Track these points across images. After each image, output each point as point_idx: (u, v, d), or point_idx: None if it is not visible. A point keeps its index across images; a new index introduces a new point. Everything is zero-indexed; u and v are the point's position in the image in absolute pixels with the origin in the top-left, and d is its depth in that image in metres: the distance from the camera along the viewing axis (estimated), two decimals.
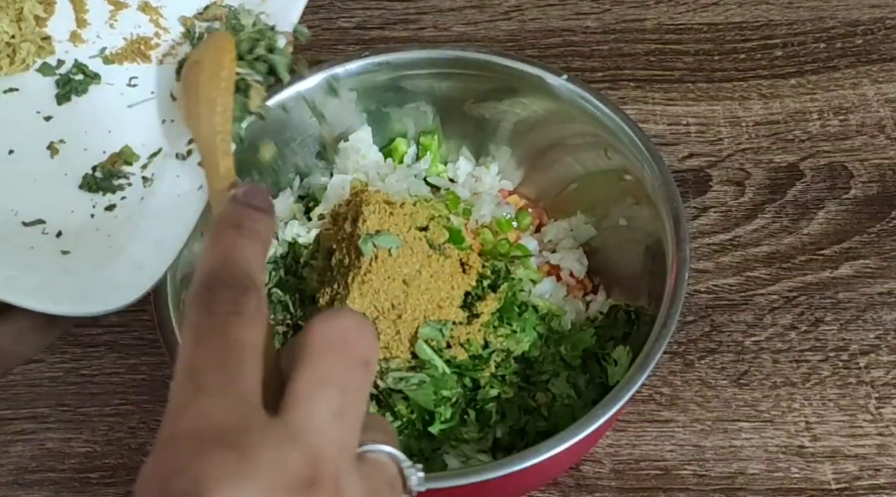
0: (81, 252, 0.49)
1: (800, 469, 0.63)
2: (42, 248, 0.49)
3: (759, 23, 0.84)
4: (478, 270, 0.60)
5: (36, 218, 0.49)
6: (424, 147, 0.70)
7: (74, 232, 0.50)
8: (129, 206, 0.51)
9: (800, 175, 0.75)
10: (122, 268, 0.48)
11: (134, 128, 0.54)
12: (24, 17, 0.54)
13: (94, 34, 0.56)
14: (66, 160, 0.52)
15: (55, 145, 0.52)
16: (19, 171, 0.51)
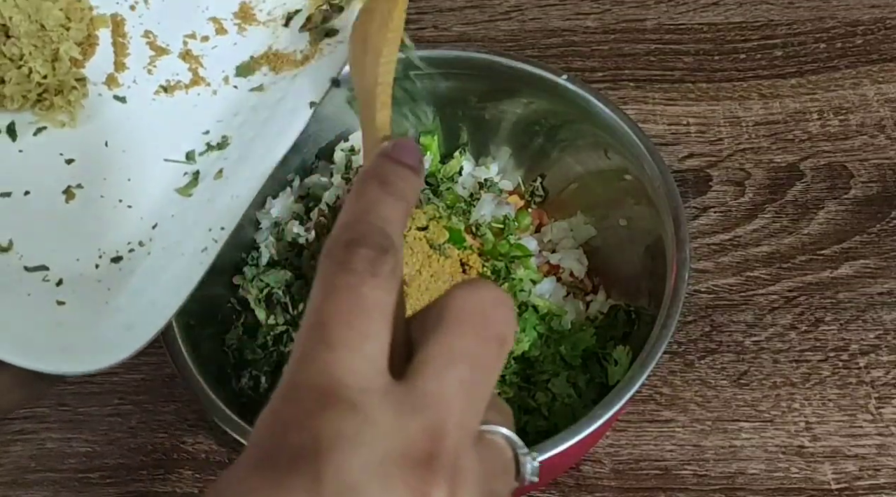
0: (77, 305, 0.48)
1: (800, 469, 0.63)
2: (39, 296, 0.48)
3: (759, 23, 0.84)
4: (478, 270, 0.60)
5: (39, 263, 0.49)
6: (424, 147, 0.70)
7: (75, 282, 0.49)
8: (135, 260, 0.50)
9: (800, 175, 0.75)
10: (112, 327, 0.47)
11: (156, 180, 0.53)
12: (60, 57, 0.54)
13: (130, 79, 0.56)
14: (81, 206, 0.51)
15: (72, 190, 0.51)
16: (32, 213, 0.50)
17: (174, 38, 0.58)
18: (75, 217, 0.51)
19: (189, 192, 0.53)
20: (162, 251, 0.51)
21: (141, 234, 0.51)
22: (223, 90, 0.57)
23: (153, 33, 0.57)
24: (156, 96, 0.56)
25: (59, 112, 0.53)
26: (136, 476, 0.64)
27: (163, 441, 0.65)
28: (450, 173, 0.69)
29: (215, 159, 0.54)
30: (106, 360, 0.45)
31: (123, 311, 0.48)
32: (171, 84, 0.56)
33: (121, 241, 0.51)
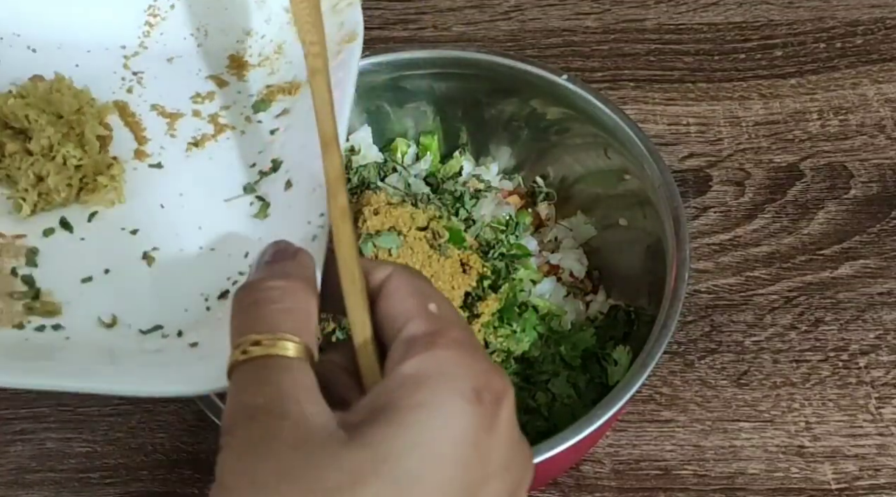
0: (210, 340, 0.47)
1: (800, 469, 0.63)
2: (170, 348, 0.47)
3: (759, 23, 0.84)
4: (478, 271, 0.60)
5: (152, 325, 0.48)
6: (424, 147, 0.70)
7: (195, 327, 0.48)
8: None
9: (800, 175, 0.75)
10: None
11: (226, 220, 0.53)
12: (88, 139, 0.54)
13: (157, 146, 0.56)
14: (165, 266, 0.51)
15: (149, 254, 0.51)
16: (121, 287, 0.50)
17: (182, 103, 0.58)
18: (164, 277, 0.51)
19: (266, 213, 0.53)
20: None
21: (236, 266, 0.51)
22: (250, 128, 0.57)
23: (160, 105, 0.58)
24: (188, 153, 0.56)
25: (106, 191, 0.53)
26: (136, 476, 0.64)
27: (163, 441, 0.65)
28: (450, 173, 0.69)
29: (276, 178, 0.54)
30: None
31: None
32: (197, 139, 0.56)
33: (219, 279, 0.50)
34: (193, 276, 0.51)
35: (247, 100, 0.59)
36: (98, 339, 0.48)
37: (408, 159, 0.70)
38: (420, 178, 0.68)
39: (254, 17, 0.61)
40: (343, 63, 0.57)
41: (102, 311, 0.48)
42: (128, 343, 0.48)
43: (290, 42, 0.60)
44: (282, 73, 0.60)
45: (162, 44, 0.60)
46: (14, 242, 0.50)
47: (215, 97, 0.59)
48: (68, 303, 0.49)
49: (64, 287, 0.49)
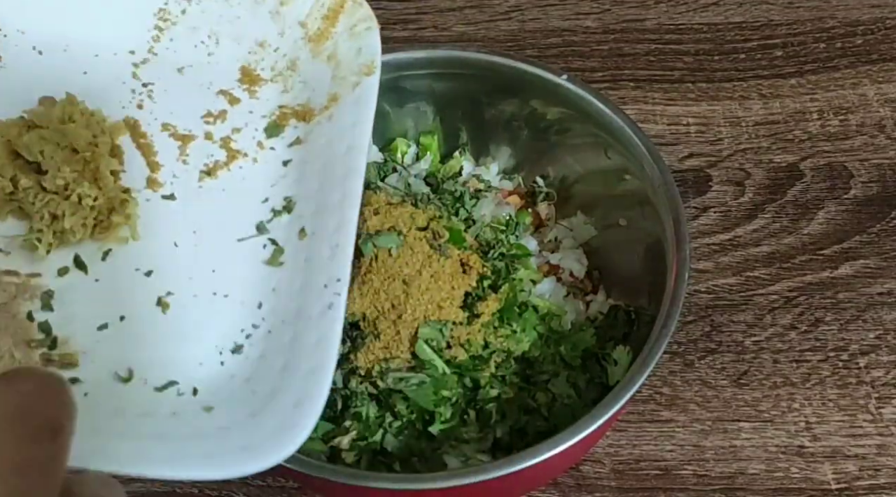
0: (227, 406, 0.47)
1: (800, 469, 0.63)
2: (184, 411, 0.47)
3: (759, 23, 0.84)
4: (478, 271, 0.60)
5: (167, 381, 0.48)
6: (424, 147, 0.70)
7: (210, 386, 0.48)
8: (258, 343, 0.50)
9: (800, 175, 0.75)
10: (279, 411, 0.46)
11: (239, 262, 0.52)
12: (102, 174, 0.52)
13: (169, 174, 0.55)
14: (179, 312, 0.50)
15: (164, 300, 0.50)
16: (137, 335, 0.49)
17: (193, 123, 0.58)
18: (178, 324, 0.50)
19: (279, 261, 0.52)
20: (283, 324, 0.50)
21: (250, 317, 0.51)
22: (262, 155, 0.57)
23: (171, 124, 0.57)
24: (201, 183, 0.55)
25: (120, 229, 0.52)
26: None
27: None
28: (450, 173, 0.69)
29: (289, 222, 0.54)
30: (290, 444, 0.44)
31: (281, 392, 0.47)
32: (210, 167, 0.56)
33: (233, 331, 0.50)
34: (208, 326, 0.50)
35: (259, 121, 0.58)
36: (115, 395, 0.46)
37: (408, 159, 0.70)
38: (420, 178, 0.68)
39: (268, 29, 0.60)
40: (361, 98, 0.56)
41: (118, 364, 0.48)
42: (143, 403, 0.46)
43: (305, 59, 0.60)
44: (295, 93, 0.59)
45: (172, 51, 0.60)
46: (30, 282, 0.49)
47: (227, 117, 0.58)
48: (85, 353, 0.48)
49: (80, 335, 0.48)
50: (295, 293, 0.51)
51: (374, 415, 0.57)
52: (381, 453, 0.58)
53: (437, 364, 0.57)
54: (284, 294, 0.51)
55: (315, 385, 0.46)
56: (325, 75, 0.59)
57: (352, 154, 0.54)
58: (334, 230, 0.52)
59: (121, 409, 0.46)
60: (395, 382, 0.57)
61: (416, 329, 0.57)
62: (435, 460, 0.57)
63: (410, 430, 0.58)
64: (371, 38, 0.59)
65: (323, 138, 0.56)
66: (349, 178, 0.53)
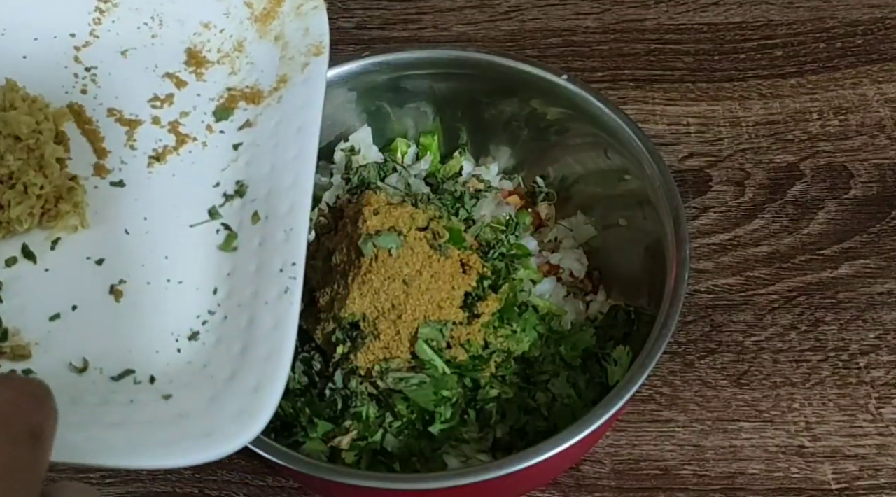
0: (186, 393, 0.46)
1: (800, 469, 0.63)
2: (142, 400, 0.46)
3: (758, 23, 0.84)
4: (478, 271, 0.60)
5: (123, 370, 0.47)
6: (424, 147, 0.70)
7: (167, 373, 0.47)
8: (214, 329, 0.49)
9: (800, 175, 0.75)
10: (238, 396, 0.46)
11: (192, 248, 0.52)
12: (48, 162, 0.51)
13: (117, 160, 0.54)
14: (133, 300, 0.50)
15: (117, 288, 0.50)
16: (90, 325, 0.49)
17: (140, 107, 0.57)
18: (133, 313, 0.50)
19: (233, 246, 0.52)
20: (239, 308, 0.49)
21: (205, 303, 0.50)
22: (212, 139, 0.56)
23: (116, 109, 0.56)
24: (150, 169, 0.54)
25: (68, 217, 0.51)
26: (135, 476, 0.64)
27: None
28: (450, 173, 0.69)
29: (242, 206, 0.53)
30: (250, 428, 0.44)
31: (239, 376, 0.47)
32: (159, 152, 0.55)
33: (188, 317, 0.50)
34: (162, 313, 0.50)
35: (207, 105, 0.57)
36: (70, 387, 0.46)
37: (408, 159, 0.70)
38: (420, 178, 0.68)
39: (212, 9, 0.59)
40: (311, 78, 0.56)
41: (72, 354, 0.47)
42: (99, 392, 0.46)
43: (252, 40, 0.59)
44: (243, 75, 0.58)
45: (115, 33, 0.58)
46: None
47: (174, 101, 0.57)
48: (37, 344, 0.47)
49: (32, 326, 0.48)
50: (250, 278, 0.50)
51: (374, 415, 0.57)
52: (381, 453, 0.58)
53: (437, 364, 0.57)
54: (240, 279, 0.50)
55: (273, 369, 0.46)
56: (273, 56, 0.58)
57: (302, 135, 0.54)
58: (287, 213, 0.51)
59: (76, 400, 0.45)
60: (395, 382, 0.57)
61: (415, 329, 0.57)
62: (435, 460, 0.57)
63: (410, 430, 0.58)
64: (318, 18, 0.58)
65: (273, 120, 0.56)
66: (300, 160, 0.53)
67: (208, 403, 0.46)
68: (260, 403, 0.45)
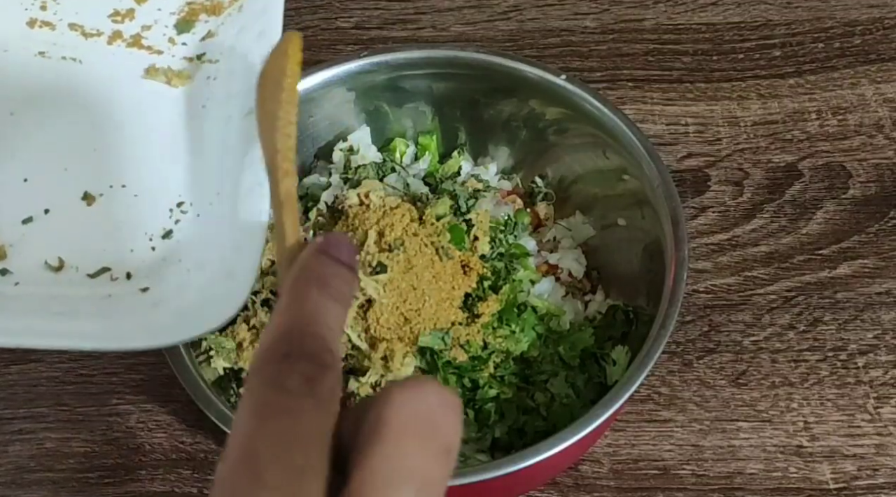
0: (162, 284, 0.47)
1: (798, 469, 0.63)
2: (120, 293, 0.47)
3: (757, 23, 0.84)
4: (478, 272, 0.60)
5: (99, 267, 0.48)
6: (423, 147, 0.70)
7: (143, 269, 0.48)
8: (187, 226, 0.50)
9: (798, 175, 0.75)
10: (214, 282, 0.46)
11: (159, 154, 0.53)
12: None
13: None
14: (106, 204, 0.51)
15: (89, 194, 0.51)
16: (63, 228, 0.49)
17: (101, 22, 0.57)
18: (105, 216, 0.50)
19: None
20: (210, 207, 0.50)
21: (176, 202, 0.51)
22: (175, 50, 0.57)
23: (78, 24, 0.57)
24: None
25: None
26: (134, 476, 0.64)
27: (161, 441, 0.65)
28: (448, 173, 0.69)
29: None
30: (227, 309, 0.44)
31: (213, 267, 0.47)
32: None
33: (161, 217, 0.50)
34: (135, 215, 0.51)
35: (168, 18, 0.58)
36: (47, 283, 0.47)
37: (406, 159, 0.70)
38: (419, 178, 0.68)
39: None
40: None
41: (48, 254, 0.48)
42: (77, 288, 0.47)
43: None
44: None
45: None
46: None
47: (135, 15, 0.58)
48: (11, 245, 0.48)
49: (4, 228, 0.49)
50: (220, 175, 0.51)
51: None
52: None
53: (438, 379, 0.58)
54: (209, 178, 0.51)
55: (245, 258, 0.46)
56: None
57: (264, 40, 0.54)
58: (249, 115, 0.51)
59: (55, 295, 0.47)
60: None
61: (417, 334, 0.57)
62: None
63: None
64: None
65: (235, 27, 0.57)
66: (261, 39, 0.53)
67: (184, 291, 0.47)
68: (234, 288, 0.45)
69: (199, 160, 0.52)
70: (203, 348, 0.58)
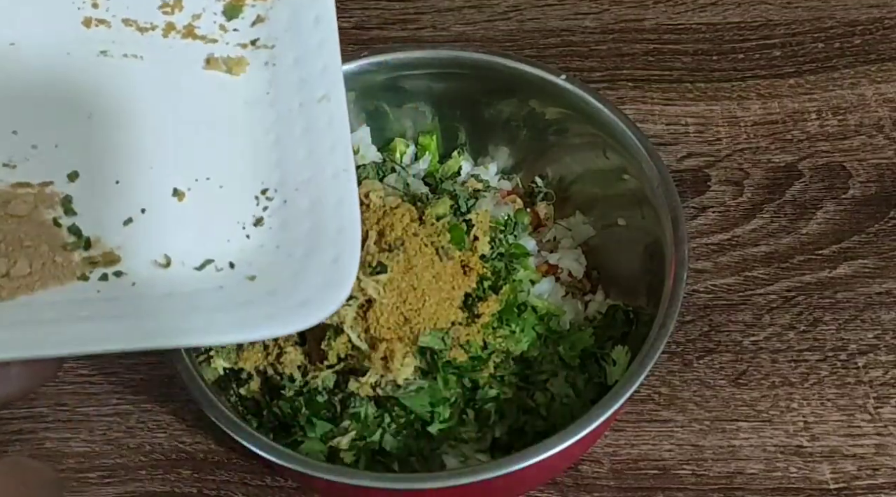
0: (267, 272, 0.49)
1: (798, 469, 0.63)
2: (230, 284, 0.49)
3: (757, 23, 0.84)
4: (478, 272, 0.60)
5: (203, 260, 0.49)
6: (423, 147, 0.70)
7: (244, 258, 0.50)
8: (277, 211, 0.51)
9: (798, 175, 0.75)
10: (319, 268, 0.48)
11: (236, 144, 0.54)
12: None
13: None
14: (195, 197, 0.52)
15: (178, 190, 0.52)
16: (161, 225, 0.51)
17: (152, 15, 0.58)
18: (196, 209, 0.51)
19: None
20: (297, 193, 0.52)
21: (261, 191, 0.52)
22: (227, 37, 0.57)
23: (132, 20, 0.57)
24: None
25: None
26: (134, 476, 0.64)
27: (161, 441, 0.65)
28: (448, 173, 0.69)
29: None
30: (339, 293, 0.47)
31: (315, 252, 0.49)
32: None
33: (249, 206, 0.52)
34: (224, 206, 0.52)
35: (215, 5, 0.58)
36: (160, 281, 0.49)
37: (406, 159, 0.70)
38: (419, 178, 0.68)
39: None
40: None
41: (154, 253, 0.49)
42: (189, 283, 0.49)
43: None
44: None
45: None
46: (44, 191, 0.50)
47: (183, 5, 0.58)
48: (119, 248, 0.49)
49: (109, 232, 0.50)
50: (301, 163, 0.53)
51: (373, 415, 0.57)
52: (380, 453, 0.58)
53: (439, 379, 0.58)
54: (290, 164, 0.53)
55: (347, 242, 0.49)
56: None
57: (321, 25, 0.56)
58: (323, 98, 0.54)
59: (171, 293, 0.48)
60: (392, 389, 0.57)
61: (417, 334, 0.57)
62: (434, 460, 0.57)
63: (409, 430, 0.58)
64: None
65: (285, 12, 0.58)
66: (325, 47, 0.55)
67: (293, 279, 0.48)
68: (342, 273, 0.48)
69: (275, 147, 0.54)
70: (203, 348, 0.58)
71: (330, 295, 0.47)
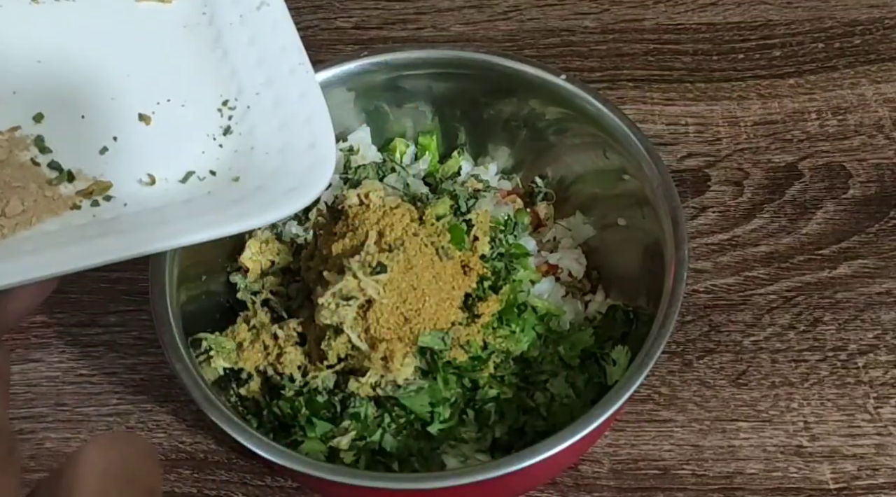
0: (248, 172, 0.52)
1: (798, 469, 0.63)
2: (217, 189, 0.52)
3: (757, 23, 0.84)
4: (478, 272, 0.60)
5: (184, 172, 0.52)
6: (423, 147, 0.70)
7: (222, 164, 0.53)
8: (241, 118, 0.54)
9: (798, 175, 0.75)
10: (298, 155, 0.52)
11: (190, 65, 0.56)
12: None
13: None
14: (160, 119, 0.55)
15: (144, 115, 0.54)
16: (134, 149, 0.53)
17: None
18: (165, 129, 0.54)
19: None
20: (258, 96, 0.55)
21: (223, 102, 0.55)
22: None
23: None
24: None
25: None
26: None
27: (161, 441, 0.65)
28: (448, 173, 0.69)
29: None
30: (324, 174, 0.51)
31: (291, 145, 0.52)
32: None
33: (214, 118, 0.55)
34: (190, 122, 0.55)
35: None
36: (149, 198, 0.51)
37: (406, 159, 0.70)
38: (419, 178, 0.68)
39: None
40: None
41: (137, 174, 0.52)
42: (178, 195, 0.51)
43: None
44: None
45: None
46: (14, 134, 0.52)
47: None
48: (102, 175, 0.52)
49: (88, 163, 0.52)
50: (255, 67, 0.56)
51: (373, 415, 0.57)
52: (380, 453, 0.58)
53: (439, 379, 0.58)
54: (245, 72, 0.56)
55: (319, 129, 0.53)
56: None
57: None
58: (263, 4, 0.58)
59: (161, 207, 0.51)
60: (392, 389, 0.57)
61: (417, 335, 0.57)
62: (434, 460, 0.57)
63: (409, 430, 0.58)
64: None
65: None
66: None
67: (276, 171, 0.52)
68: (322, 153, 0.52)
69: (225, 60, 0.57)
70: (203, 348, 0.58)
71: (316, 175, 0.50)
